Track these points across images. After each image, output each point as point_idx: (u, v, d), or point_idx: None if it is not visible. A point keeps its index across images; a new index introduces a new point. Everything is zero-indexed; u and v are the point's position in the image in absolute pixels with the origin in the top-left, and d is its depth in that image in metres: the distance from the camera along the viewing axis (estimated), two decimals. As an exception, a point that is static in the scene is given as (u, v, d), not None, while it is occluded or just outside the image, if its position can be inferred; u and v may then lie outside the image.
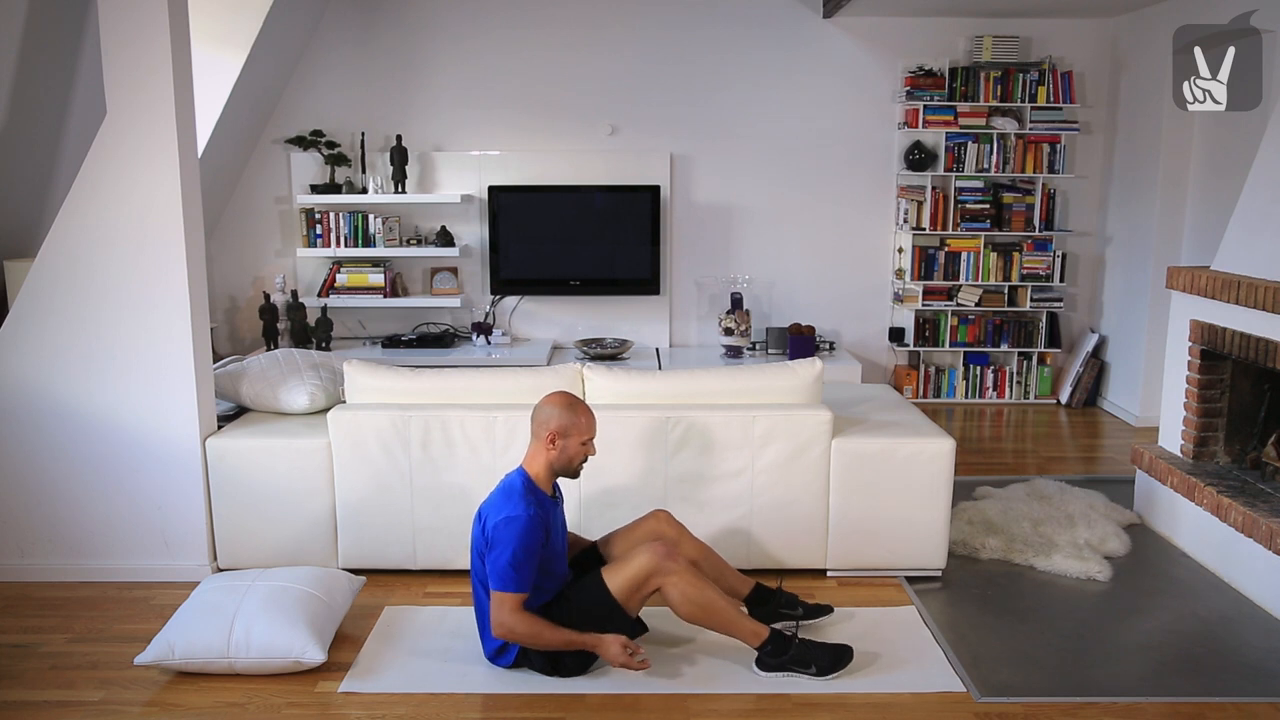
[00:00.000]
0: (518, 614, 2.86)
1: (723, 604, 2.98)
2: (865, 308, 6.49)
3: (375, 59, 6.12)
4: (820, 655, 2.99)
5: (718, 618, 2.97)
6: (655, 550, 2.94)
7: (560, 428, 2.94)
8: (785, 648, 2.97)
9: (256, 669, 3.00)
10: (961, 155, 6.15)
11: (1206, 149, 5.47)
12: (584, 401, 3.05)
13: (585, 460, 3.04)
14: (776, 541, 3.63)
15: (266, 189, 6.20)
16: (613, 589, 2.93)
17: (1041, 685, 2.99)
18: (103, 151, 3.48)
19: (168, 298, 3.55)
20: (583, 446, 3.00)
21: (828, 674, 2.98)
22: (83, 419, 3.61)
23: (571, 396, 3.03)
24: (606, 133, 6.24)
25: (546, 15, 6.10)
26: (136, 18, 3.39)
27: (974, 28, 6.13)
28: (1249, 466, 3.95)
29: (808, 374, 3.67)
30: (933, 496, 3.59)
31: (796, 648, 2.98)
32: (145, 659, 2.98)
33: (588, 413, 3.01)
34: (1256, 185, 3.89)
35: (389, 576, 3.65)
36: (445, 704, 2.89)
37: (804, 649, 2.99)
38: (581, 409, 3.00)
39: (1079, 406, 6.32)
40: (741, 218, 6.34)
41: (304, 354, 4.11)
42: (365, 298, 6.11)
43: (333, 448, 3.57)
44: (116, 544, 3.68)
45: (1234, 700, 2.90)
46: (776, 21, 6.15)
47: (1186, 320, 4.10)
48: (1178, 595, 3.63)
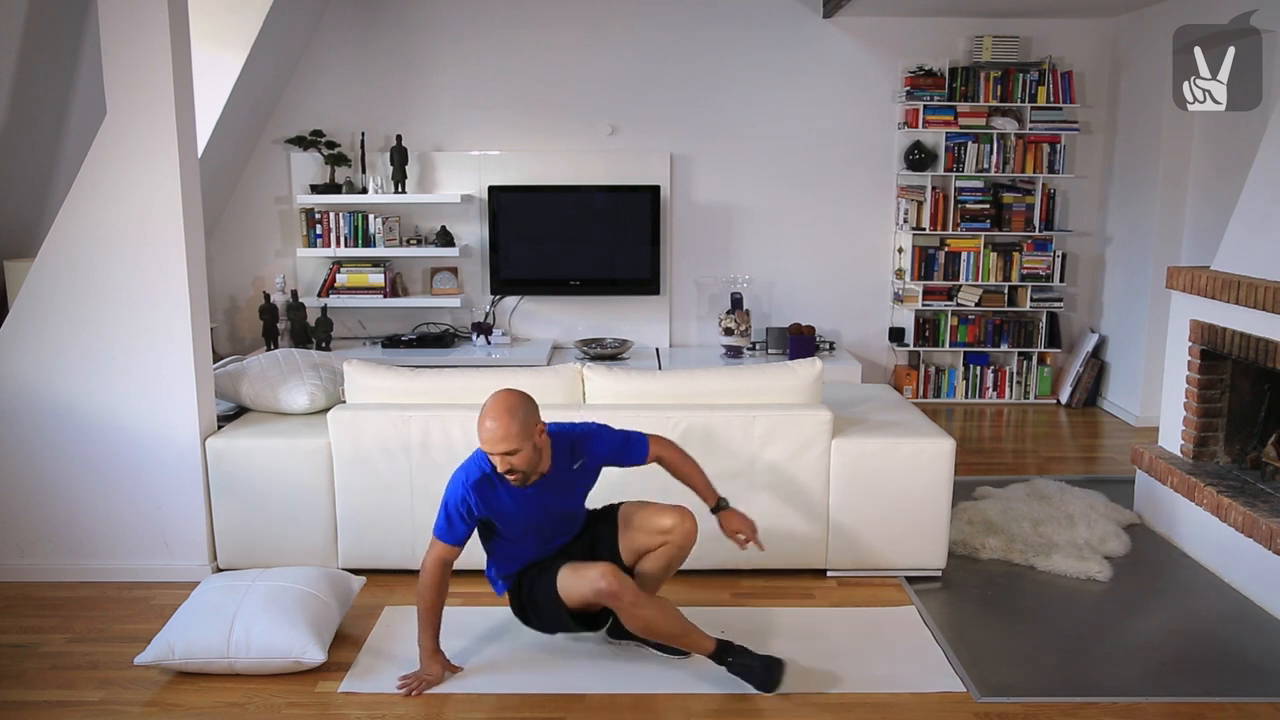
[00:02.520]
0: (430, 560, 2.95)
1: (669, 623, 2.90)
2: (865, 308, 6.49)
3: (375, 59, 6.12)
4: (756, 667, 2.93)
5: (664, 632, 2.92)
6: (604, 583, 2.82)
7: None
8: (727, 655, 2.94)
9: (256, 669, 3.00)
10: (961, 155, 6.15)
11: (1206, 149, 5.47)
12: (487, 414, 2.77)
13: (506, 473, 2.81)
14: (776, 541, 3.63)
15: (266, 189, 6.20)
16: (562, 593, 2.91)
17: (1041, 685, 2.99)
18: (103, 151, 3.48)
19: (168, 298, 3.55)
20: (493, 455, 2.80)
21: (765, 689, 2.90)
22: (83, 419, 3.61)
23: (489, 402, 2.81)
24: (606, 133, 6.24)
25: (546, 15, 6.10)
26: (136, 18, 3.39)
27: (974, 28, 6.13)
28: (1249, 466, 3.95)
29: (808, 374, 3.67)
30: (933, 496, 3.59)
31: (736, 655, 2.94)
32: (145, 659, 2.99)
33: (486, 425, 2.76)
34: (1256, 185, 3.89)
35: (389, 576, 3.65)
36: (445, 704, 2.89)
37: (743, 660, 2.94)
38: (484, 421, 2.77)
39: (1079, 406, 6.32)
40: (741, 218, 6.34)
41: (304, 354, 4.11)
42: (365, 298, 6.11)
43: (333, 448, 3.57)
44: (116, 544, 3.68)
45: (1234, 700, 2.90)
46: (776, 21, 6.15)
47: (1186, 320, 4.10)
48: (1178, 595, 3.63)
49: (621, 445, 3.03)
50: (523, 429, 2.76)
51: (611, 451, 3.02)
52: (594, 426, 3.05)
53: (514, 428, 2.74)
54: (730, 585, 3.63)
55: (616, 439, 3.03)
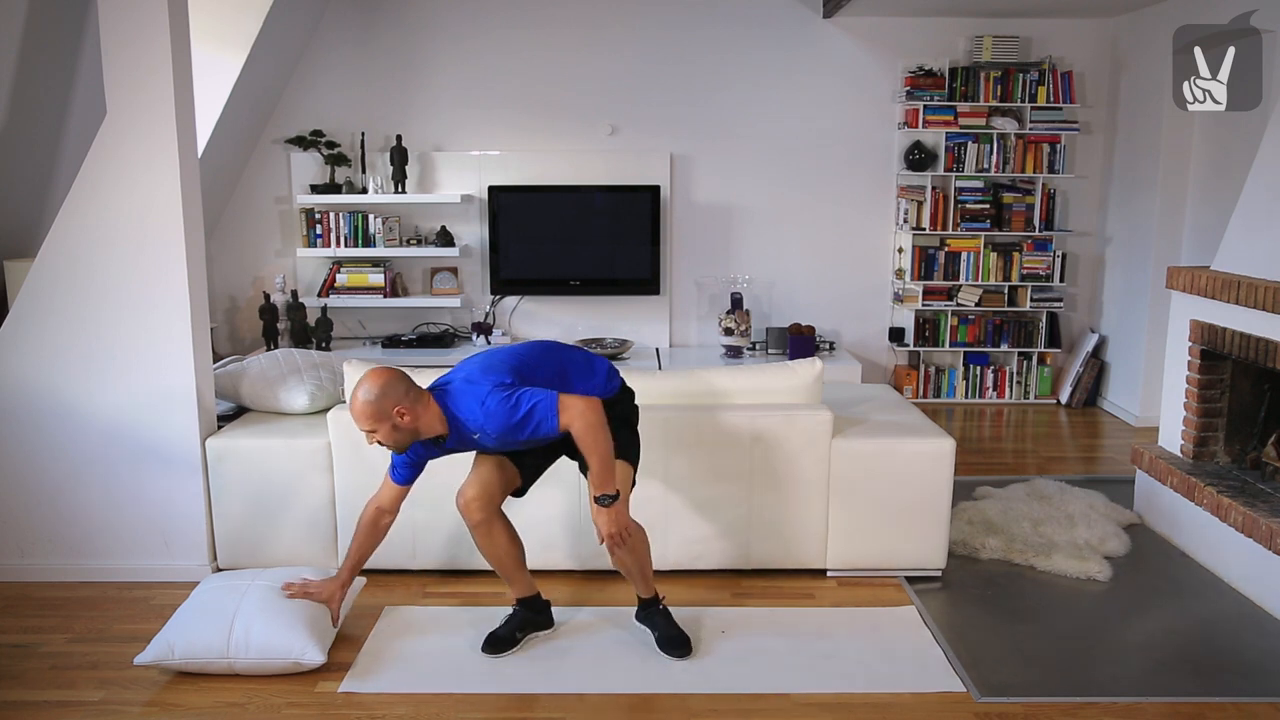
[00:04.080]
0: (371, 500, 3.10)
1: (501, 561, 3.15)
2: (865, 308, 6.49)
3: (375, 59, 6.12)
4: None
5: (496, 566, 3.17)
6: (463, 497, 3.02)
7: None
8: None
9: (256, 670, 3.00)
10: (961, 155, 6.15)
11: (1206, 149, 5.47)
12: (354, 394, 2.81)
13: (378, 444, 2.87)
14: (776, 541, 3.63)
15: (266, 189, 6.20)
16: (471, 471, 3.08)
17: (1041, 685, 2.99)
18: (103, 151, 3.48)
19: (168, 298, 3.55)
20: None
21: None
22: (83, 419, 3.61)
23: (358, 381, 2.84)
24: (606, 133, 6.24)
25: (546, 15, 6.10)
26: (136, 18, 3.39)
27: (974, 28, 6.13)
28: (1249, 466, 3.95)
29: (808, 374, 3.67)
30: (933, 496, 3.59)
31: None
32: (145, 659, 2.99)
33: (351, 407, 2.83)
34: (1256, 185, 3.89)
35: (389, 576, 3.65)
36: (445, 704, 2.89)
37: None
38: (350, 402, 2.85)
39: (1079, 406, 6.32)
40: (741, 218, 6.34)
41: (304, 354, 4.11)
42: (365, 298, 6.11)
43: (333, 448, 3.57)
44: (116, 544, 3.68)
45: (1234, 700, 2.90)
46: (776, 21, 6.15)
47: (1186, 320, 4.10)
48: (1178, 595, 3.63)
49: (520, 428, 2.80)
50: (377, 411, 2.77)
51: (507, 434, 2.82)
52: (491, 405, 2.79)
53: (367, 409, 2.78)
54: (730, 585, 3.63)
55: (515, 422, 2.79)
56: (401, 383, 2.83)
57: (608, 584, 3.48)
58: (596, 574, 3.60)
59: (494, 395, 2.81)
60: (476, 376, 2.88)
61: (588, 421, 2.79)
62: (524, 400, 2.79)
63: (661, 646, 3.15)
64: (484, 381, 2.85)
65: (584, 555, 3.62)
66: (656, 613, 3.19)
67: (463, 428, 2.88)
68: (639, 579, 3.16)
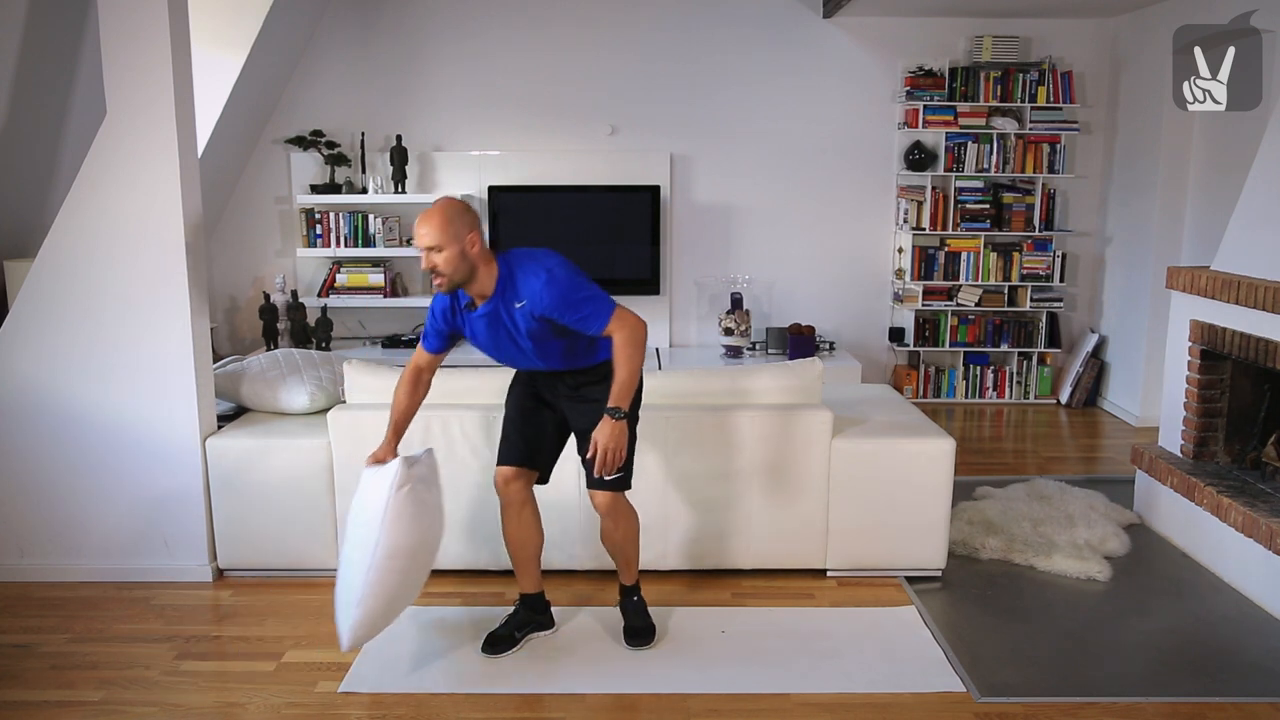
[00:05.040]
0: (408, 364, 3.09)
1: (517, 550, 3.19)
2: (865, 308, 6.49)
3: (375, 59, 6.12)
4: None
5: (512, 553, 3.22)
6: (500, 478, 3.10)
7: None
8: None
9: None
10: (961, 155, 6.15)
11: (1206, 149, 5.47)
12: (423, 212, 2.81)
13: (427, 270, 2.83)
14: (776, 541, 3.63)
15: (266, 189, 6.21)
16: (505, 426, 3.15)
17: (1041, 685, 2.99)
18: (103, 151, 3.48)
19: (168, 298, 3.55)
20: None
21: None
22: (83, 419, 3.61)
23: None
24: (606, 133, 6.24)
25: (546, 15, 6.10)
26: (136, 18, 3.39)
27: (974, 28, 6.13)
28: (1249, 466, 3.95)
29: (808, 374, 3.67)
30: (933, 496, 3.59)
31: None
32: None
33: (419, 219, 2.81)
34: (1256, 185, 3.89)
35: (389, 576, 3.65)
36: (445, 704, 2.89)
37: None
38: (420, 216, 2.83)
39: (1079, 406, 6.32)
40: (741, 218, 6.34)
41: (304, 354, 4.11)
42: (365, 298, 6.11)
43: (333, 448, 3.57)
44: (116, 544, 3.68)
45: (1234, 700, 2.90)
46: (776, 21, 6.15)
47: (1186, 320, 4.10)
48: (1178, 595, 3.63)
49: (573, 307, 2.81)
50: (452, 230, 2.76)
51: (559, 308, 2.81)
52: (559, 274, 2.81)
53: (441, 224, 2.76)
54: (730, 585, 3.63)
55: (573, 300, 2.80)
56: (473, 213, 2.85)
57: (608, 584, 3.47)
58: (596, 574, 3.60)
59: (565, 268, 2.84)
60: (540, 254, 2.90)
61: (634, 337, 2.84)
62: (590, 289, 2.85)
63: (625, 636, 3.21)
64: (552, 258, 2.87)
65: (584, 556, 3.61)
66: (630, 603, 3.26)
67: (512, 293, 2.85)
68: (623, 564, 3.22)
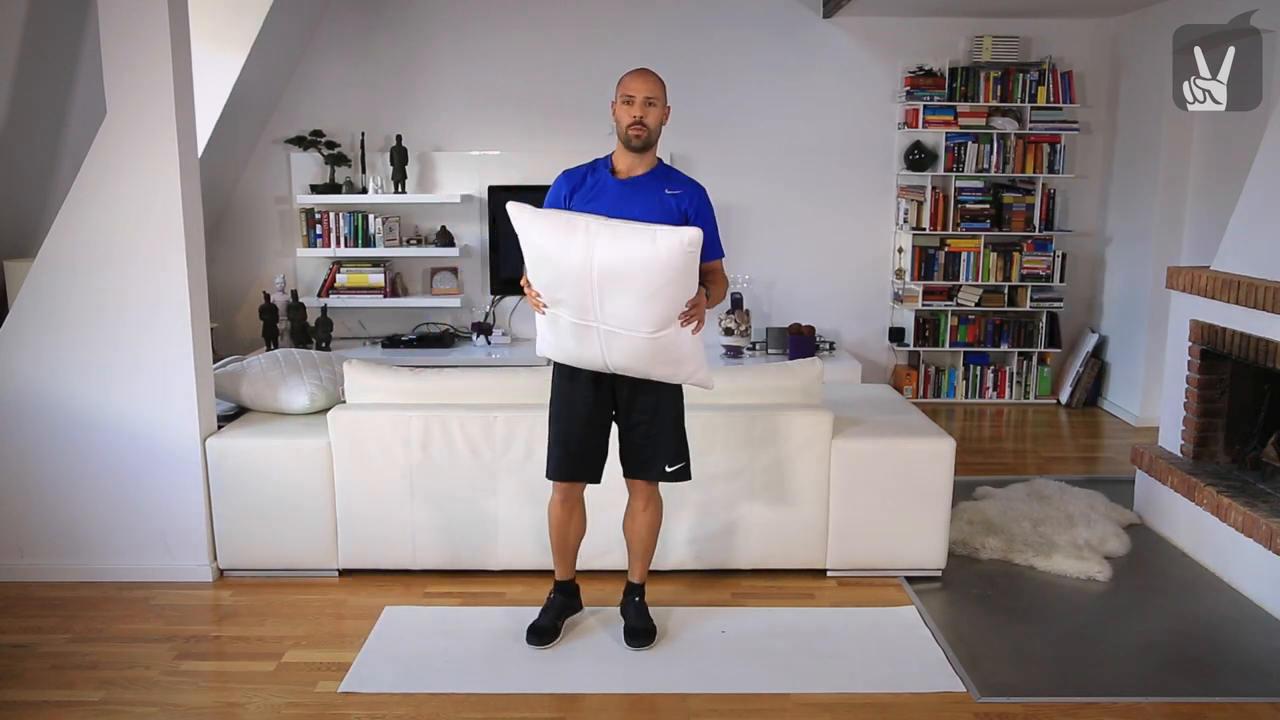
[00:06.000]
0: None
1: (555, 542, 3.24)
2: (865, 308, 6.49)
3: (375, 59, 6.12)
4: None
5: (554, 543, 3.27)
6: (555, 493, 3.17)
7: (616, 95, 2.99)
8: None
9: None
10: (961, 155, 6.15)
11: (1206, 149, 5.47)
12: (638, 68, 2.99)
13: (631, 124, 2.94)
14: (776, 541, 3.63)
15: (266, 189, 6.21)
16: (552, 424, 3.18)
17: (1041, 685, 2.99)
18: (103, 151, 3.48)
19: (168, 298, 3.55)
20: (623, 105, 2.96)
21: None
22: (83, 419, 3.61)
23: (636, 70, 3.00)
24: (606, 133, 6.21)
25: (546, 15, 6.10)
26: (136, 18, 3.39)
27: (974, 28, 6.13)
28: (1249, 466, 3.95)
29: (808, 374, 3.67)
30: (933, 496, 3.59)
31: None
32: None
33: (636, 73, 2.96)
34: (1256, 185, 3.89)
35: (389, 576, 3.65)
36: (445, 704, 2.89)
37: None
38: (635, 71, 2.97)
39: (1079, 406, 6.32)
40: (741, 218, 6.34)
41: (304, 354, 4.11)
42: (365, 298, 6.11)
43: (333, 448, 3.57)
44: (116, 544, 3.68)
45: (1234, 700, 2.90)
46: (776, 21, 6.15)
47: (1186, 320, 4.10)
48: (1178, 595, 3.63)
49: (709, 224, 3.01)
50: (665, 94, 2.95)
51: (701, 217, 3.00)
52: (705, 199, 3.05)
53: (661, 84, 2.95)
54: (730, 585, 3.63)
55: (706, 223, 2.99)
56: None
57: (609, 584, 3.47)
58: (596, 574, 3.59)
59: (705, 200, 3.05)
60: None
61: (723, 289, 3.16)
62: (714, 226, 3.04)
63: (626, 636, 3.22)
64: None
65: (585, 556, 3.61)
66: (633, 603, 3.28)
67: (670, 181, 3.03)
68: (637, 555, 3.25)
